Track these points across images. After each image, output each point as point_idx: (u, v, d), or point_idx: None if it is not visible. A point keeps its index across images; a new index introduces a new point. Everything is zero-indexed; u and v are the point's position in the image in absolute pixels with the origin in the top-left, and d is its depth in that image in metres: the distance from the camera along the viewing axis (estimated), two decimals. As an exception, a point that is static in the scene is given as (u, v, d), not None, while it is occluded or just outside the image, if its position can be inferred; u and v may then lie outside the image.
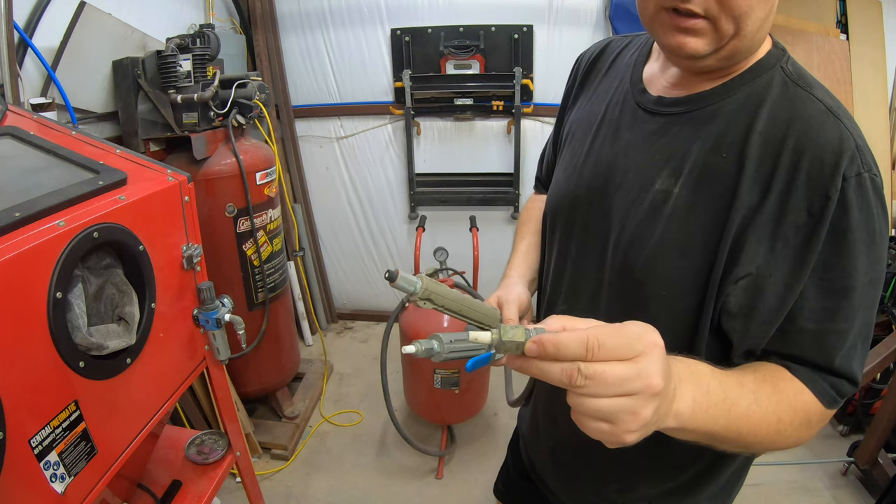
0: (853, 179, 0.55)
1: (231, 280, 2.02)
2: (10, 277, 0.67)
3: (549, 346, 0.43)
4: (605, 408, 0.43)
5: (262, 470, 2.17)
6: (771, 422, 0.56)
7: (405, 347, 0.52)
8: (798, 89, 0.60)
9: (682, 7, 0.56)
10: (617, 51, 0.82)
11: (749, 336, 0.62)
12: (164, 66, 1.75)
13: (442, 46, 2.67)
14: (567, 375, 0.42)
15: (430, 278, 0.59)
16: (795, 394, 0.59)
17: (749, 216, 0.58)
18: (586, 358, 0.42)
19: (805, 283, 0.57)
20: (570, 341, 0.42)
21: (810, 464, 2.15)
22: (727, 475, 0.78)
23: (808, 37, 2.60)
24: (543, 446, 0.91)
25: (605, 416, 0.43)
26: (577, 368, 0.42)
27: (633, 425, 0.43)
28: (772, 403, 0.56)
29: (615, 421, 0.43)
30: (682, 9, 0.56)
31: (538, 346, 0.43)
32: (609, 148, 0.73)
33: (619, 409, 0.43)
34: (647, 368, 0.43)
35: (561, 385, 0.44)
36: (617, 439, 0.44)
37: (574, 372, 0.42)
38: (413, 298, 0.59)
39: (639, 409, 0.43)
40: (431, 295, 0.58)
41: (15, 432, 0.68)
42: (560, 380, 0.43)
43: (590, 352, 0.42)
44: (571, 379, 0.42)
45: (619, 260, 0.69)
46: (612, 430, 0.43)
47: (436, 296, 0.58)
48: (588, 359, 0.42)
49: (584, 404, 0.43)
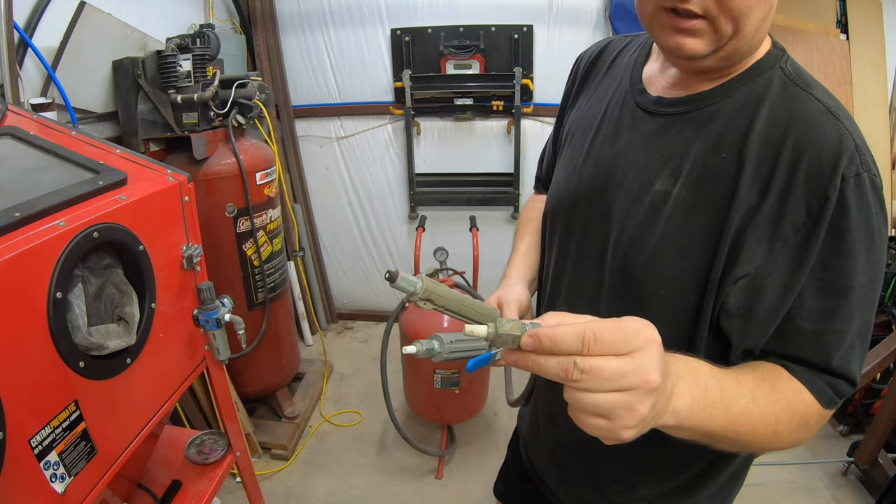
0: (852, 179, 0.55)
1: (231, 280, 2.02)
2: (10, 277, 0.67)
3: (546, 339, 0.42)
4: (601, 403, 0.42)
5: (262, 470, 2.17)
6: (769, 422, 0.56)
7: (406, 348, 0.52)
8: (797, 89, 0.60)
9: (681, 7, 0.56)
10: (616, 51, 0.83)
11: (748, 336, 0.62)
12: (164, 66, 1.75)
13: (442, 46, 2.67)
14: (563, 369, 0.42)
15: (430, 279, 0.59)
16: (794, 394, 0.59)
17: (748, 216, 0.58)
18: (582, 352, 0.42)
19: (804, 283, 0.57)
20: (567, 335, 0.42)
21: (810, 464, 2.15)
22: (727, 475, 0.78)
23: (808, 37, 2.60)
24: (543, 446, 0.91)
25: (602, 411, 0.43)
26: (574, 362, 0.42)
27: (630, 421, 0.43)
28: (770, 403, 0.57)
29: (612, 417, 0.43)
30: (680, 9, 0.56)
31: (534, 339, 0.43)
32: (609, 148, 0.73)
33: (615, 405, 0.42)
34: (645, 364, 0.42)
35: (557, 379, 0.43)
36: (614, 435, 0.44)
37: (570, 366, 0.42)
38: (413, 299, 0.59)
39: (636, 405, 0.43)
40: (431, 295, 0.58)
41: (15, 432, 0.68)
42: (556, 374, 0.43)
43: (586, 345, 0.41)
44: (567, 373, 0.42)
45: (619, 260, 0.69)
46: (608, 425, 0.43)
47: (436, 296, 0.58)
48: (584, 353, 0.42)
49: (580, 399, 0.43)
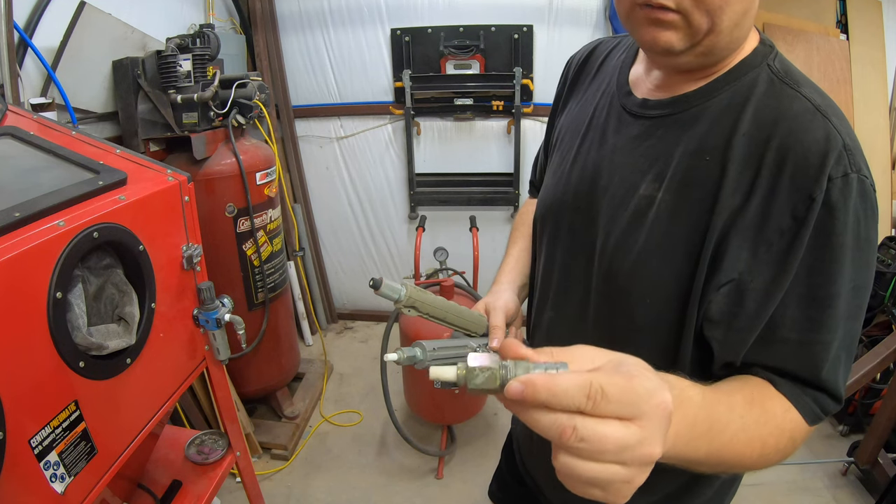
0: (839, 180, 0.52)
1: (231, 280, 2.02)
2: (10, 277, 0.67)
3: (543, 391, 0.35)
4: (598, 475, 0.36)
5: (262, 470, 2.17)
6: (755, 447, 0.54)
7: (387, 356, 0.51)
8: (785, 87, 0.58)
9: (654, 1, 0.55)
10: (605, 52, 0.81)
11: (728, 344, 0.59)
12: (164, 66, 1.75)
13: (442, 46, 2.67)
14: (559, 431, 0.35)
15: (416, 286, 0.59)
16: (784, 412, 0.57)
17: (731, 220, 0.56)
18: (587, 408, 0.35)
19: (787, 290, 0.55)
20: (570, 386, 0.35)
21: (810, 464, 2.15)
22: (719, 483, 0.77)
23: (808, 37, 2.60)
24: (537, 450, 0.89)
25: (598, 483, 0.37)
26: (574, 426, 0.35)
27: (627, 491, 0.38)
28: (758, 426, 0.54)
29: (607, 489, 0.37)
30: (654, 2, 0.55)
31: (528, 387, 0.35)
32: (595, 152, 0.72)
33: (613, 479, 0.36)
34: (651, 437, 0.37)
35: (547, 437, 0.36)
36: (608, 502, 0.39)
37: (568, 430, 0.35)
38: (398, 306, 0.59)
39: (634, 478, 0.37)
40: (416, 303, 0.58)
41: (15, 432, 0.68)
42: (548, 433, 0.36)
43: (591, 401, 0.35)
44: (564, 437, 0.35)
45: (605, 266, 0.67)
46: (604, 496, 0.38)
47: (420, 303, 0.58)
48: (588, 409, 0.35)
49: (574, 468, 0.36)
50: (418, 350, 0.54)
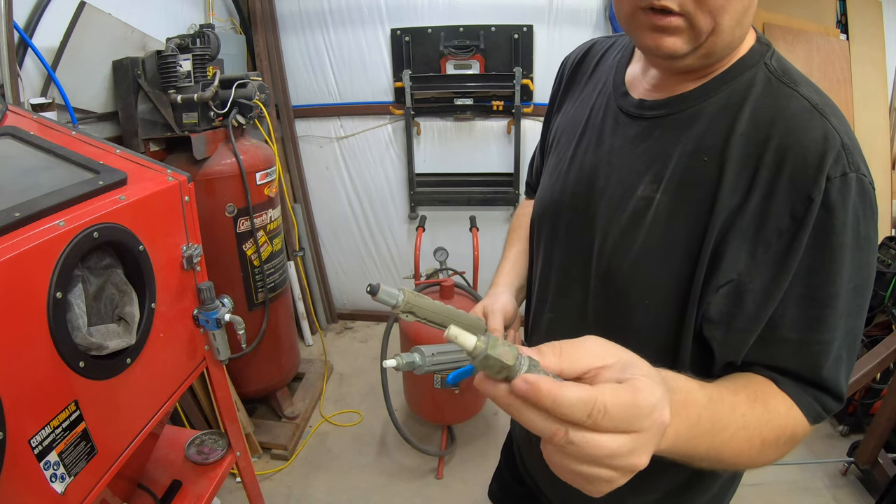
0: (838, 180, 0.52)
1: (231, 280, 2.02)
2: (10, 277, 0.67)
3: (546, 398, 0.35)
4: (583, 473, 0.38)
5: (262, 470, 2.17)
6: (755, 444, 0.54)
7: (386, 362, 0.51)
8: (782, 86, 0.58)
9: (657, 4, 0.54)
10: (601, 52, 0.81)
11: (728, 345, 0.59)
12: (164, 66, 1.75)
13: (442, 46, 2.67)
14: (550, 433, 0.36)
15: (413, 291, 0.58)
16: (787, 410, 0.57)
17: (730, 221, 0.56)
18: (586, 424, 0.36)
19: (787, 290, 0.55)
20: (574, 402, 0.35)
21: (810, 464, 2.15)
22: (720, 481, 0.76)
23: (808, 37, 2.60)
24: (536, 450, 0.89)
25: (581, 476, 0.38)
26: (566, 430, 0.36)
27: (606, 489, 0.40)
28: (760, 425, 0.54)
29: (592, 483, 0.39)
30: (657, 6, 0.54)
31: (532, 389, 0.35)
32: (592, 153, 0.71)
33: (597, 478, 0.38)
34: (642, 448, 0.38)
35: (537, 434, 0.37)
36: (589, 493, 0.41)
37: (559, 433, 0.36)
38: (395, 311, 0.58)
39: (616, 481, 0.39)
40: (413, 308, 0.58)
41: (15, 432, 0.68)
42: (540, 432, 0.37)
43: (591, 419, 0.35)
44: (555, 438, 0.36)
45: (604, 267, 0.67)
46: (587, 488, 0.40)
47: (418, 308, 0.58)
48: (587, 426, 0.36)
49: (560, 464, 0.38)
50: (417, 356, 0.54)
